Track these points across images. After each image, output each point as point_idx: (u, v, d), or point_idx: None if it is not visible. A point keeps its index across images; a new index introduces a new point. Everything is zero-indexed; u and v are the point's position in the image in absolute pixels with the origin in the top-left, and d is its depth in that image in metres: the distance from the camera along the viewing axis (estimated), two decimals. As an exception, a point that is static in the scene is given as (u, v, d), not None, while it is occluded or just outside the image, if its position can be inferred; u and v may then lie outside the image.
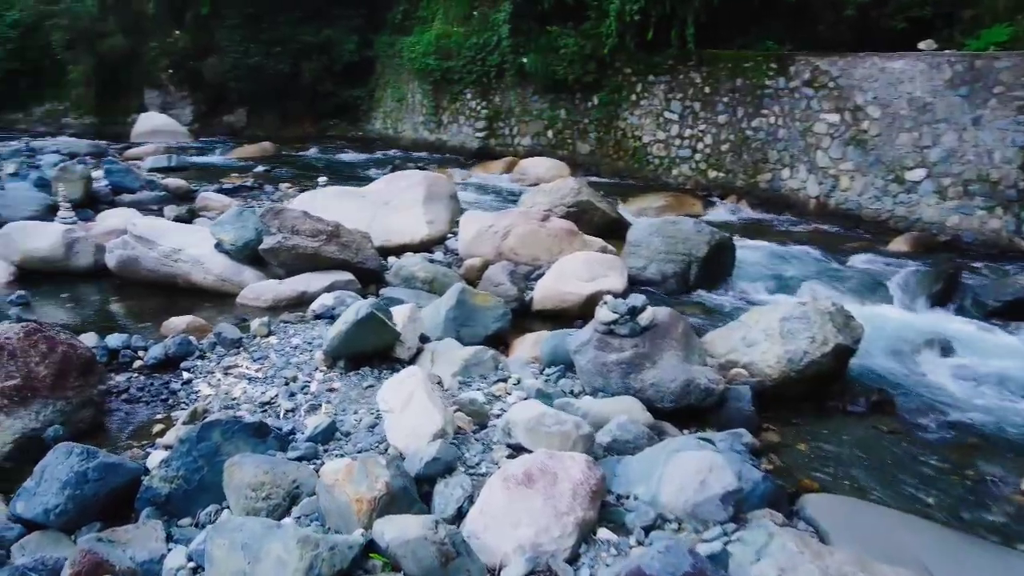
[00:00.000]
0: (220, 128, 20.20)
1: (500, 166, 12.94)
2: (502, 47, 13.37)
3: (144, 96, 20.35)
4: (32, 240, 6.55)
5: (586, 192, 7.82)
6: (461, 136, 14.70)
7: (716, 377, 4.31)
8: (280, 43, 19.17)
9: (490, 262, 6.61)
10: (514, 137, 13.89)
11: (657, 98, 11.99)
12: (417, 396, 3.42)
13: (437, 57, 14.53)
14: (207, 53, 19.76)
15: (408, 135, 16.60)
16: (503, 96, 13.88)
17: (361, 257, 6.19)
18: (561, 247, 6.76)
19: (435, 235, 7.46)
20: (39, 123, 21.38)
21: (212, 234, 6.07)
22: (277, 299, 5.70)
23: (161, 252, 6.04)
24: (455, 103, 14.68)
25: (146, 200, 9.02)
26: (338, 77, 19.63)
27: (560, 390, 4.35)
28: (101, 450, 3.23)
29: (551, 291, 6.08)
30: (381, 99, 18.55)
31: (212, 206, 8.58)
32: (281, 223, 5.97)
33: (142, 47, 19.90)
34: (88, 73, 20.13)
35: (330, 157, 14.99)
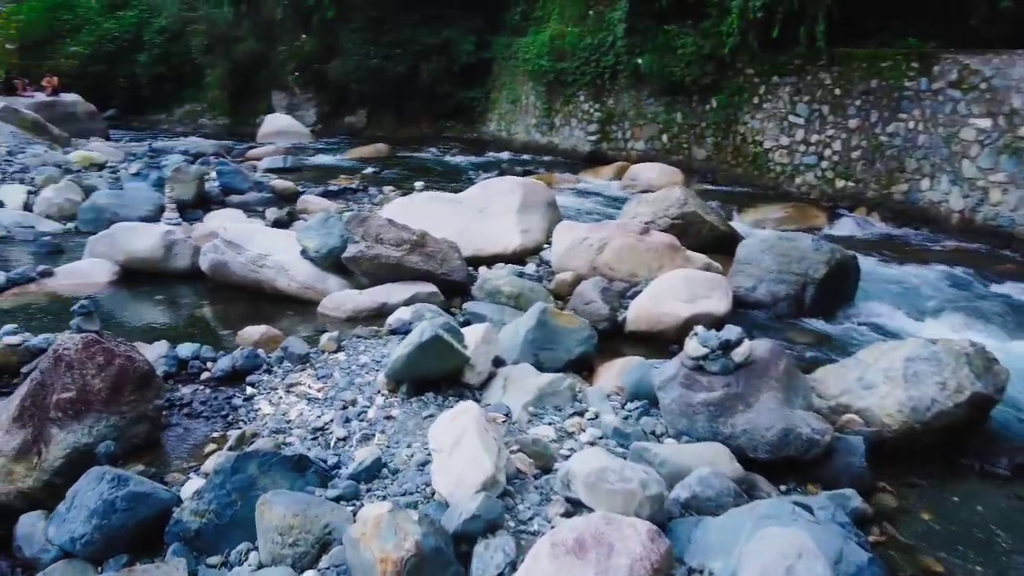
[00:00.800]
0: (341, 128, 20.72)
1: (610, 171, 12.45)
2: (617, 47, 12.88)
3: (272, 98, 21.17)
4: (134, 241, 6.70)
5: (693, 203, 7.26)
6: (573, 139, 14.31)
7: (822, 426, 3.73)
8: (400, 45, 19.42)
9: (583, 277, 6.20)
10: (627, 141, 13.36)
11: (781, 100, 11.16)
12: (468, 437, 3.08)
13: (551, 58, 14.20)
14: (331, 56, 20.30)
15: (521, 137, 16.37)
16: (617, 98, 13.38)
17: (446, 268, 5.93)
18: (661, 263, 6.26)
19: (529, 245, 7.11)
20: (179, 123, 22.69)
21: (297, 241, 5.98)
22: (356, 310, 5.53)
23: (248, 258, 6.01)
24: (568, 105, 14.31)
25: (252, 201, 9.17)
26: (456, 78, 19.69)
27: (640, 429, 3.90)
28: (135, 476, 3.08)
29: (646, 312, 5.61)
30: (497, 101, 18.42)
31: (311, 209, 8.60)
32: (365, 231, 5.80)
33: (272, 51, 20.69)
34: (223, 76, 21.15)
35: (441, 159, 14.96)
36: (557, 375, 4.32)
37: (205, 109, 22.46)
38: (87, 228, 8.41)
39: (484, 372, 4.25)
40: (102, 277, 6.56)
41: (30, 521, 3.12)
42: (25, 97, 17.33)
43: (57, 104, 17.29)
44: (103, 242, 6.82)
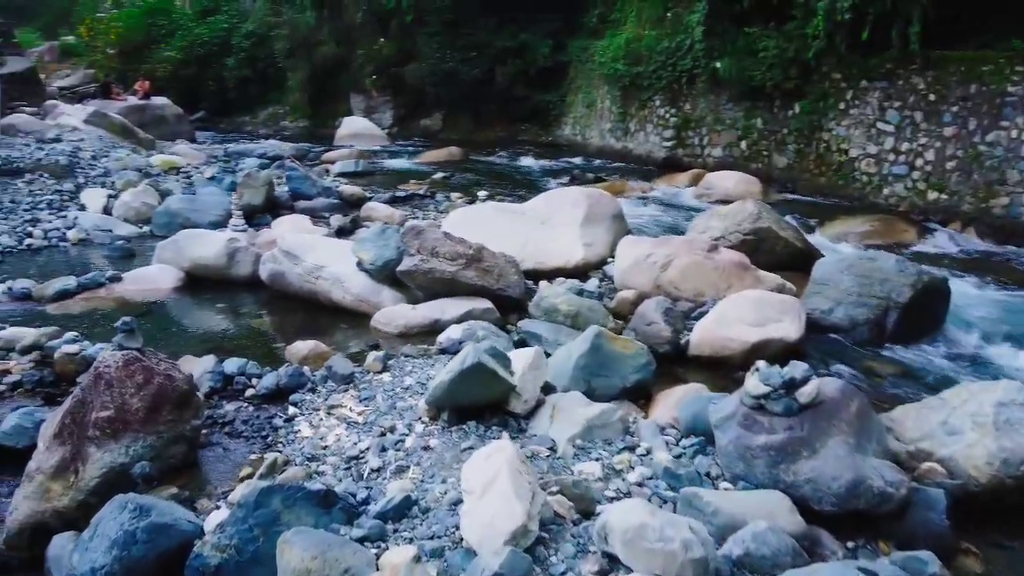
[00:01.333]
0: (417, 131, 20.86)
1: (685, 179, 12.05)
2: (695, 50, 12.46)
3: (350, 100, 21.48)
4: (199, 248, 6.78)
5: (767, 218, 6.86)
6: (648, 145, 13.94)
7: (897, 477, 3.38)
8: (476, 48, 19.39)
9: (646, 295, 5.93)
10: (703, 147, 12.91)
11: (870, 106, 10.55)
12: (500, 480, 2.88)
13: (627, 62, 13.87)
14: (408, 59, 20.46)
15: (595, 142, 16.08)
16: (694, 103, 12.95)
17: (503, 284, 5.75)
18: (729, 283, 5.92)
19: (592, 259, 6.87)
20: (262, 125, 23.29)
21: (353, 252, 5.91)
22: (408, 326, 5.41)
23: (304, 268, 5.98)
24: (643, 110, 13.95)
25: (319, 207, 9.21)
26: (532, 81, 19.54)
27: (694, 471, 3.63)
28: (159, 504, 3.00)
29: (711, 335, 5.30)
30: (572, 104, 18.18)
31: (375, 216, 8.57)
32: (421, 244, 5.67)
33: (351, 55, 21.00)
34: (303, 79, 21.59)
35: (513, 164, 14.82)
36: (608, 406, 4.08)
37: (287, 111, 22.99)
38: (161, 232, 8.62)
39: (531, 400, 4.04)
40: (167, 283, 6.66)
41: (61, 543, 3.09)
42: (119, 101, 18.07)
43: (147, 108, 17.96)
44: (170, 248, 6.94)
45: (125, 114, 17.57)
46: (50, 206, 8.83)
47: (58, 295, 6.25)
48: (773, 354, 5.25)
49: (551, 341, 5.28)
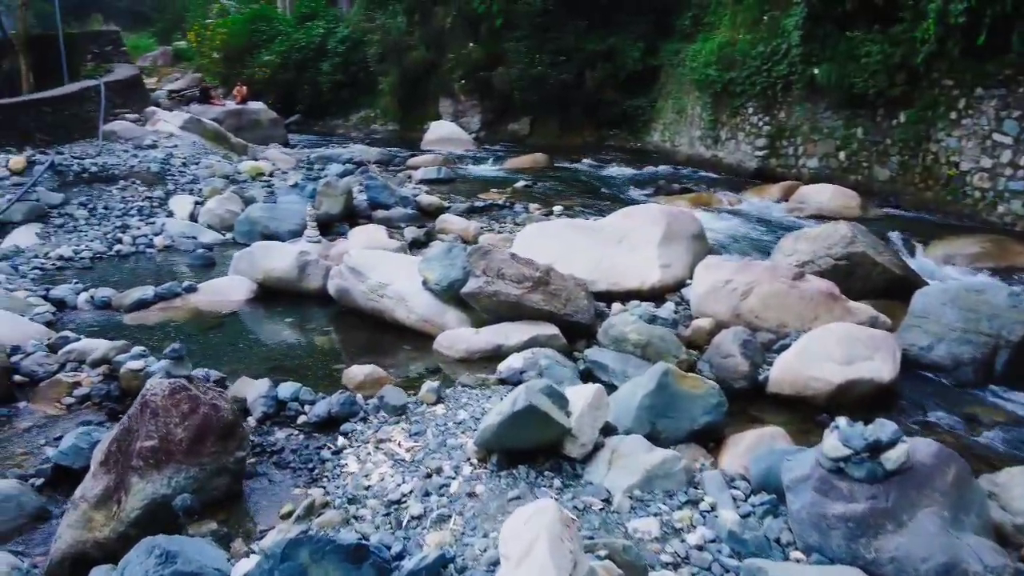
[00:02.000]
0: (505, 136, 20.77)
1: (777, 191, 11.45)
2: (791, 55, 11.84)
3: (439, 104, 21.60)
4: (271, 260, 6.82)
5: (861, 241, 6.35)
6: (739, 154, 13.36)
7: (998, 561, 2.96)
8: (565, 52, 19.15)
9: (724, 324, 5.57)
10: (798, 158, 12.26)
11: (985, 116, 9.73)
12: (539, 548, 2.64)
13: (719, 67, 13.33)
14: (497, 64, 20.38)
15: (684, 150, 15.57)
16: (788, 111, 12.31)
17: (570, 309, 5.50)
18: (816, 313, 5.49)
19: (669, 282, 6.53)
20: (354, 128, 23.73)
21: (418, 271, 5.78)
22: (470, 351, 5.23)
23: (369, 286, 5.89)
24: (735, 118, 13.38)
25: (396, 217, 9.18)
26: (621, 86, 19.15)
27: (763, 535, 3.30)
28: (187, 548, 2.90)
29: (793, 372, 4.91)
30: (662, 110, 17.69)
31: (449, 229, 8.45)
32: (487, 265, 5.49)
33: (441, 59, 21.09)
34: (394, 83, 21.85)
35: (598, 172, 14.50)
36: (671, 453, 3.78)
37: (378, 115, 23.34)
38: (242, 239, 8.78)
39: (588, 443, 3.78)
40: (240, 295, 6.72)
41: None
42: (218, 106, 18.72)
43: (244, 112, 18.54)
44: (244, 259, 7.01)
45: (223, 118, 18.21)
46: (140, 212, 9.12)
47: (136, 305, 6.40)
48: (862, 396, 4.84)
49: (618, 372, 5.01)
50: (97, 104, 12.17)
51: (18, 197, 8.39)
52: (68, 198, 8.97)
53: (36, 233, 8.32)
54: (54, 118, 11.29)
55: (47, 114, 11.15)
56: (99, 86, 12.77)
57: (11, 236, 8.15)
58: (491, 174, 14.20)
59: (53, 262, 7.63)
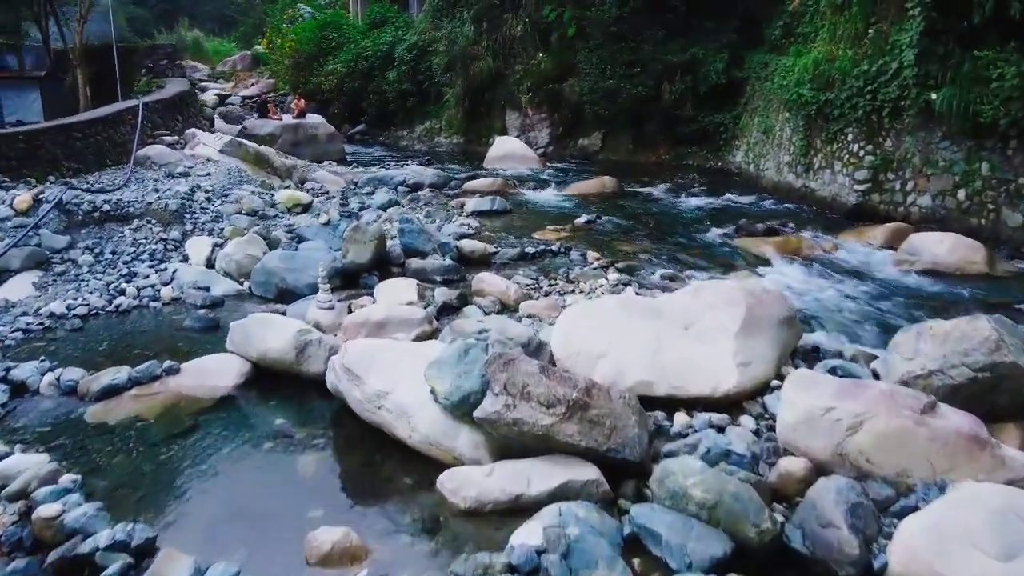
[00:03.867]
0: (574, 151, 19.48)
1: (881, 235, 9.80)
2: (903, 77, 10.13)
3: (506, 117, 20.44)
4: (266, 337, 5.75)
5: (1009, 347, 4.79)
6: (834, 186, 11.68)
7: None
8: (641, 64, 17.70)
9: (823, 468, 4.18)
10: (907, 195, 10.53)
11: None
12: None
13: (814, 86, 11.68)
14: (567, 75, 19.10)
15: (770, 175, 13.93)
16: (896, 140, 10.59)
17: (616, 442, 4.19)
18: (953, 463, 4.03)
19: (748, 386, 5.14)
20: (418, 140, 22.83)
21: (425, 379, 4.57)
22: (480, 500, 3.99)
23: (366, 393, 4.72)
24: (831, 144, 11.70)
25: (432, 269, 8.01)
26: (701, 100, 17.59)
27: None
28: None
29: (922, 565, 3.48)
30: (746, 128, 16.06)
31: (487, 291, 7.22)
32: (508, 379, 4.24)
33: (508, 70, 19.94)
34: (459, 94, 20.80)
35: (671, 203, 13.03)
36: None
37: (442, 127, 22.35)
38: (259, 291, 7.83)
39: None
40: (228, 379, 5.67)
41: None
42: (275, 119, 18.05)
43: (300, 127, 17.79)
44: (239, 332, 5.97)
45: (279, 133, 17.51)
46: (152, 257, 8.24)
47: (105, 392, 5.42)
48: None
49: (675, 548, 3.68)
50: (134, 127, 11.49)
51: (14, 243, 7.60)
52: (74, 241, 8.15)
53: (33, 283, 7.51)
54: (84, 143, 10.61)
55: (76, 139, 10.48)
56: (137, 107, 12.08)
57: (5, 287, 7.36)
58: (552, 202, 12.93)
59: (41, 321, 6.77)
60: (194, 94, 16.30)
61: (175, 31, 50.58)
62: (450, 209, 11.75)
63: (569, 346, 5.42)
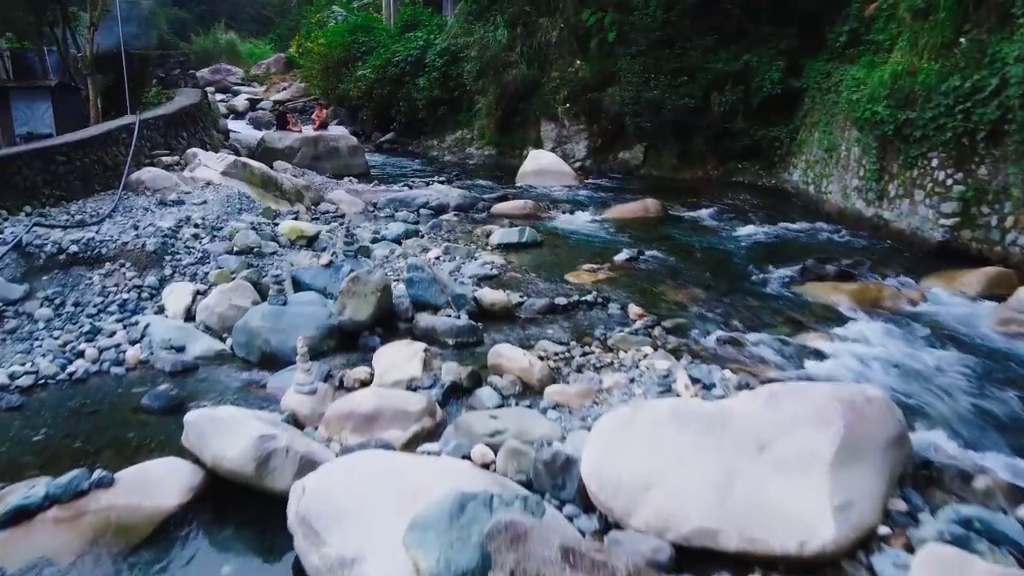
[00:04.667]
0: (614, 165, 18.14)
1: (976, 281, 8.31)
2: (1006, 95, 8.60)
3: (541, 128, 19.16)
4: (222, 442, 4.56)
5: None
6: (914, 219, 10.17)
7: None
8: (688, 72, 16.27)
9: None
10: (1006, 232, 8.99)
11: None
12: None
13: (891, 103, 10.18)
14: (607, 84, 17.76)
15: (835, 200, 12.43)
16: (993, 168, 9.05)
17: (670, 662, 2.89)
18: None
19: (849, 538, 3.78)
20: (448, 151, 21.65)
21: (405, 547, 3.31)
22: None
23: (326, 561, 3.46)
24: (910, 170, 10.18)
25: (443, 330, 6.76)
26: (753, 112, 16.10)
27: None
28: None
29: None
30: (804, 144, 14.54)
31: (505, 367, 5.91)
32: (518, 565, 2.98)
33: (544, 77, 18.65)
34: (492, 103, 19.58)
35: (723, 232, 11.62)
36: None
37: (474, 137, 21.15)
38: (241, 353, 6.68)
39: None
40: (173, 495, 4.47)
41: None
42: (295, 131, 17.00)
43: (321, 140, 16.72)
44: (193, 431, 4.79)
45: (298, 146, 16.46)
46: (122, 308, 7.12)
47: (13, 515, 4.25)
48: None
49: None
50: (128, 147, 10.45)
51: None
52: (33, 289, 7.06)
53: (-24, 343, 6.44)
54: (69, 167, 9.55)
55: (60, 164, 9.43)
56: (133, 124, 11.02)
57: (-56, 349, 6.31)
58: (589, 230, 11.60)
59: (-26, 396, 5.69)
60: (205, 107, 15.22)
61: (211, 33, 50.32)
62: (474, 240, 10.51)
63: (605, 472, 4.11)
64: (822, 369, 6.23)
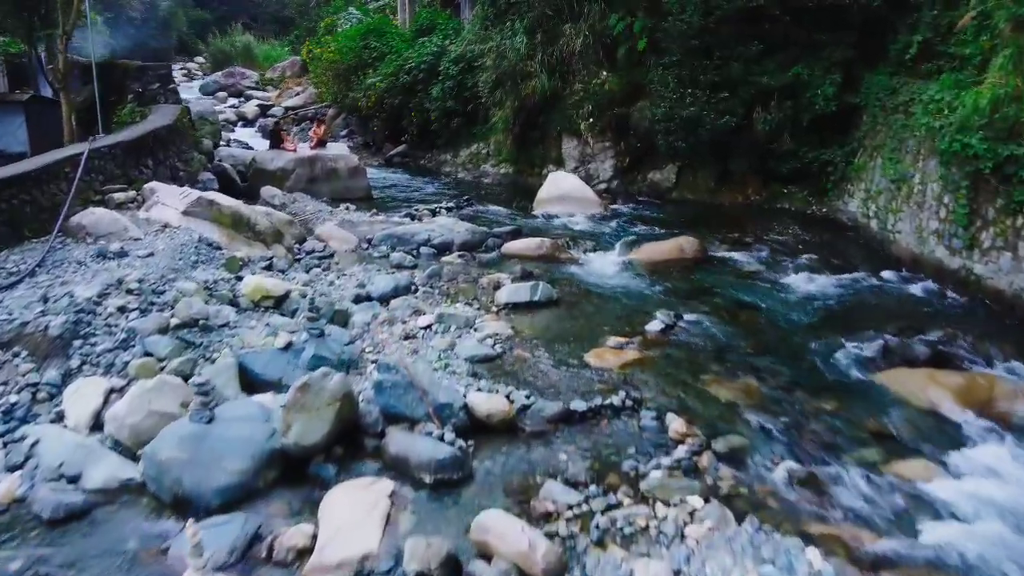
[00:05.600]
0: (643, 187, 16.33)
1: (1115, 373, 6.45)
2: None
3: (562, 145, 17.36)
4: None
5: None
6: (1017, 277, 8.28)
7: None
8: (728, 86, 14.38)
9: None
10: None
11: None
12: None
13: (989, 136, 8.30)
14: (636, 97, 15.94)
15: (905, 242, 10.53)
16: None
17: None
18: None
19: None
20: (462, 167, 19.95)
21: None
22: None
23: None
24: (1014, 217, 8.30)
25: (418, 461, 5.02)
26: (802, 131, 14.19)
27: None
28: None
29: None
30: (863, 169, 12.64)
31: (497, 548, 4.10)
32: None
33: (566, 90, 16.85)
34: (509, 117, 17.82)
35: (774, 283, 9.77)
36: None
37: (490, 153, 19.42)
38: (152, 487, 5.01)
39: None
40: None
41: None
42: (290, 151, 15.37)
43: (317, 160, 15.08)
44: None
45: (291, 168, 14.83)
46: (6, 417, 5.50)
47: None
48: None
49: None
50: (71, 183, 8.82)
51: None
52: None
53: None
54: (-7, 211, 7.99)
55: (-17, 206, 7.87)
56: (80, 156, 9.34)
57: None
58: (615, 280, 9.82)
59: None
60: (183, 125, 13.51)
61: (229, 35, 49.10)
62: (478, 295, 8.78)
63: None
64: (945, 538, 4.43)
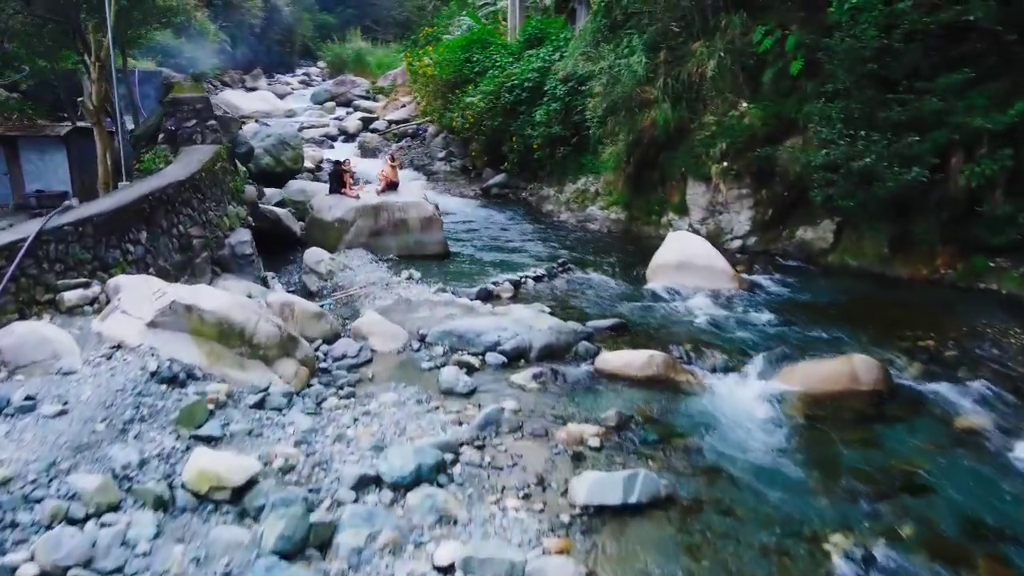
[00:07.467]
0: (789, 247, 12.92)
1: None
2: None
3: (687, 189, 14.09)
4: None
5: None
6: None
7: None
8: (916, 125, 10.71)
9: None
10: None
11: None
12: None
13: None
14: (785, 135, 12.48)
15: None
16: None
17: None
18: None
19: None
20: (566, 206, 16.98)
21: None
22: None
23: None
24: None
25: None
26: (1018, 187, 10.40)
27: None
28: None
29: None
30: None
31: None
32: None
33: (694, 122, 13.57)
34: (622, 153, 14.71)
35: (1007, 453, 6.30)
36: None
37: (599, 191, 16.35)
38: None
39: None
40: None
41: None
42: (351, 196, 12.90)
43: (384, 209, 12.54)
44: None
45: (351, 219, 12.34)
46: None
47: None
48: None
49: None
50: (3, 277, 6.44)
51: None
52: None
53: None
54: None
55: None
56: (20, 243, 6.81)
57: None
58: (757, 442, 6.58)
59: None
60: (218, 172, 11.13)
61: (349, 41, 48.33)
62: (543, 474, 5.83)
63: None
64: None
